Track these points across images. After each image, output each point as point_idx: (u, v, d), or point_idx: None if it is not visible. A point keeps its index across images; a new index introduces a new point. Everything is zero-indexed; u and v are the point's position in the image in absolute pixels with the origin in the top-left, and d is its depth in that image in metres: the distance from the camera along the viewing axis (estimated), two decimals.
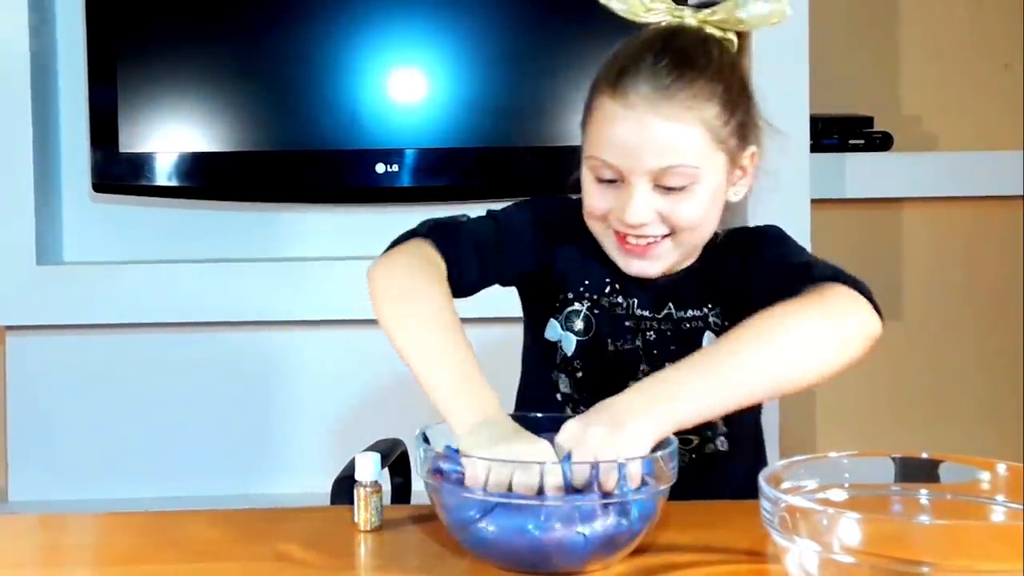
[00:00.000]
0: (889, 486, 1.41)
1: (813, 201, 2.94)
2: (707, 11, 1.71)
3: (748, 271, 1.73)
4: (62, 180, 3.01)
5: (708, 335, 1.76)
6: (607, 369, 1.78)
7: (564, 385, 1.81)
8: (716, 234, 1.78)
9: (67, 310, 2.92)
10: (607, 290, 1.79)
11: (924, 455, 1.41)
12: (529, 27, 2.93)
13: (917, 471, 1.41)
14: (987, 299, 3.28)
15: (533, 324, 1.85)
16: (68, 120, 2.99)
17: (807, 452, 1.43)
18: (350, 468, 1.68)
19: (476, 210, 3.02)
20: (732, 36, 1.73)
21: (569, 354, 1.80)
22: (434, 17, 2.91)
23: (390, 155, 2.90)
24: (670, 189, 1.66)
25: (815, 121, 3.00)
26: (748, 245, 1.77)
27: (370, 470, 1.57)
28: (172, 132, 2.89)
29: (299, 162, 2.92)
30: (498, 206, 2.93)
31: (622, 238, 1.71)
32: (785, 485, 1.33)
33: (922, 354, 3.26)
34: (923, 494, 1.40)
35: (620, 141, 1.66)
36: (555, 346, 1.81)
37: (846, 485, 1.39)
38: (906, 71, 3.24)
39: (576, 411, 1.60)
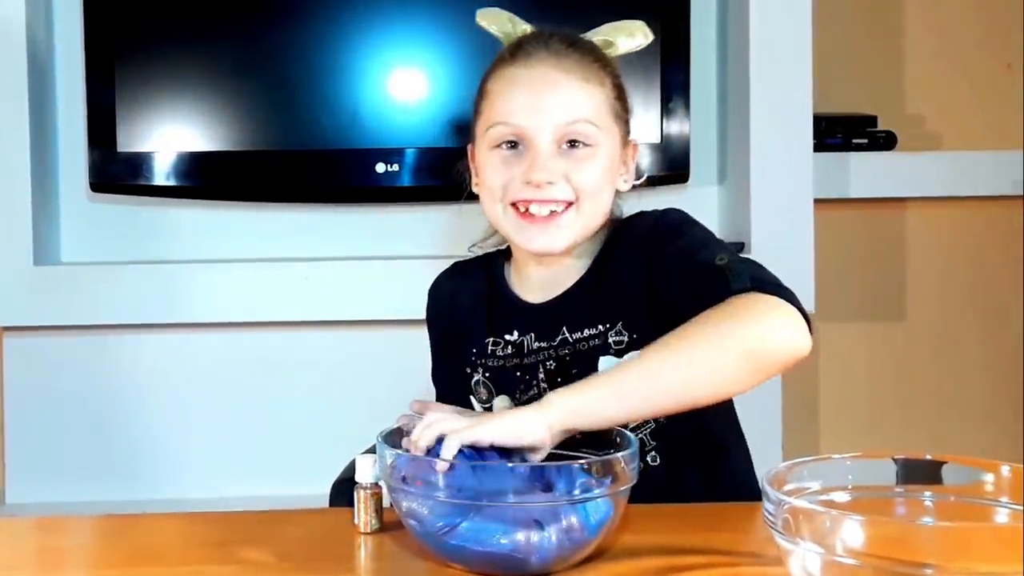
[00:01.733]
0: (892, 488, 1.40)
1: (816, 201, 2.94)
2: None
3: (650, 271, 1.69)
4: (60, 180, 3.00)
5: (604, 359, 1.72)
6: None
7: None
8: (611, 221, 1.79)
9: (65, 310, 2.92)
10: (491, 348, 1.81)
11: (927, 457, 1.41)
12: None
13: (920, 473, 1.41)
14: (991, 299, 3.27)
15: None
16: (66, 119, 2.98)
17: (810, 454, 1.42)
18: (350, 470, 1.68)
19: (476, 211, 3.03)
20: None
21: None
22: (434, 17, 2.90)
23: (390, 155, 2.90)
24: (573, 147, 1.69)
25: (818, 120, 2.99)
26: (642, 240, 1.73)
27: (370, 472, 1.57)
28: (170, 132, 2.88)
29: (299, 162, 2.92)
30: None
31: (524, 212, 1.72)
32: (788, 487, 1.33)
33: (926, 354, 3.26)
34: (926, 496, 1.39)
35: (524, 100, 1.70)
36: None
37: (849, 487, 1.38)
38: (910, 70, 3.24)
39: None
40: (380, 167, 2.89)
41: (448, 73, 2.92)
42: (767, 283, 1.55)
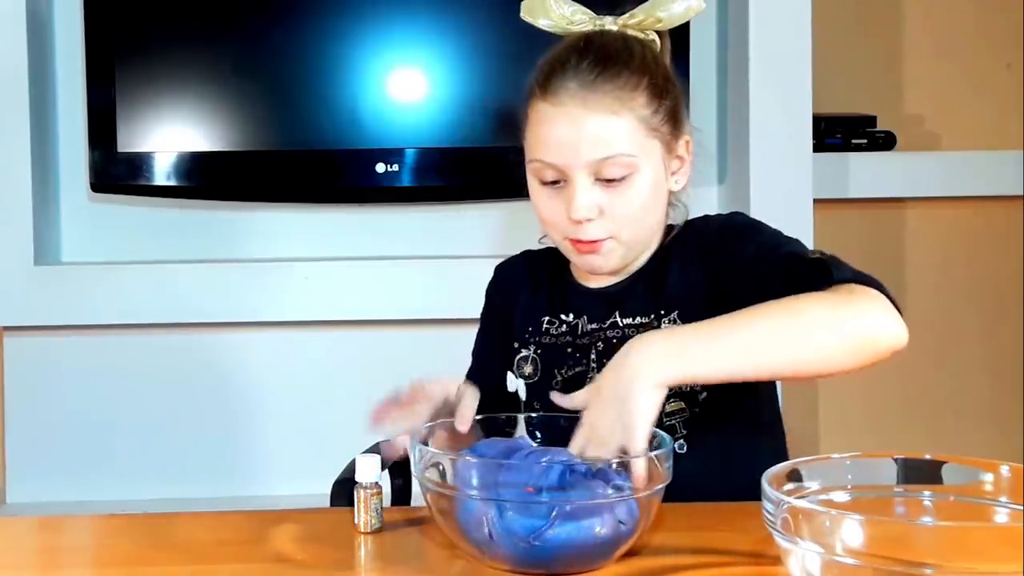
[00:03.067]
0: (892, 488, 1.41)
1: (816, 201, 2.94)
2: (626, 15, 1.79)
3: (718, 269, 1.73)
4: (60, 180, 3.00)
5: None
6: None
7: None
8: (671, 227, 1.82)
9: (65, 310, 2.92)
10: (546, 327, 1.85)
11: (927, 456, 1.42)
12: (529, 27, 2.92)
13: (920, 472, 1.41)
14: (990, 299, 3.28)
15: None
16: (66, 120, 2.98)
17: (810, 453, 1.43)
18: (350, 469, 1.68)
19: (475, 211, 3.03)
20: (653, 36, 1.80)
21: (524, 399, 1.82)
22: (434, 17, 2.91)
23: (390, 155, 2.90)
24: (611, 181, 1.71)
25: (818, 120, 3.00)
26: (711, 239, 1.78)
27: (371, 471, 1.57)
28: (170, 132, 2.89)
29: (299, 162, 2.92)
30: (497, 206, 2.97)
31: (574, 240, 1.76)
32: (788, 487, 1.33)
33: (925, 354, 3.26)
34: (926, 496, 1.40)
35: (556, 139, 1.72)
36: (516, 396, 1.84)
37: (849, 487, 1.39)
38: (909, 70, 3.24)
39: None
40: (380, 167, 2.89)
41: (448, 73, 2.92)
42: (867, 277, 1.59)
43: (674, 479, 1.49)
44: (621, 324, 1.79)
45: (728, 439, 1.78)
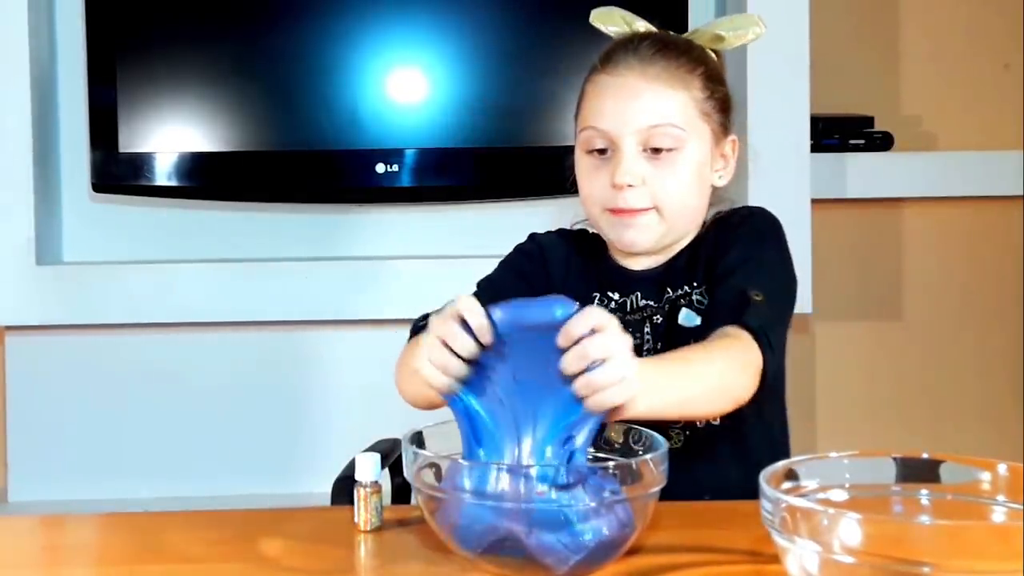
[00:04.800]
0: (890, 486, 1.41)
1: (814, 201, 2.95)
2: (689, 32, 1.88)
3: (718, 256, 1.78)
4: (62, 180, 3.01)
5: (685, 311, 1.81)
6: None
7: None
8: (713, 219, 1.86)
9: (67, 310, 2.92)
10: (596, 304, 1.85)
11: (925, 455, 1.41)
12: (529, 27, 2.93)
13: (918, 471, 1.41)
14: (987, 299, 3.28)
15: None
16: (68, 120, 2.99)
17: (808, 452, 1.43)
18: (350, 468, 1.69)
19: (475, 211, 3.04)
20: (711, 54, 1.86)
21: None
22: (434, 17, 2.91)
23: (390, 155, 2.90)
24: (657, 151, 1.75)
25: (816, 121, 3.00)
26: (730, 226, 1.82)
27: (370, 470, 1.57)
28: (172, 132, 2.89)
29: (299, 162, 2.92)
30: (497, 206, 2.97)
31: (614, 211, 1.78)
32: (786, 485, 1.33)
33: (922, 354, 3.27)
34: (924, 494, 1.40)
35: (609, 106, 1.77)
36: None
37: (847, 485, 1.39)
38: (906, 71, 3.25)
39: None
40: (380, 167, 2.89)
41: (448, 73, 2.93)
42: (767, 341, 1.63)
43: (696, 484, 1.51)
44: (673, 296, 1.82)
45: (734, 439, 1.79)
